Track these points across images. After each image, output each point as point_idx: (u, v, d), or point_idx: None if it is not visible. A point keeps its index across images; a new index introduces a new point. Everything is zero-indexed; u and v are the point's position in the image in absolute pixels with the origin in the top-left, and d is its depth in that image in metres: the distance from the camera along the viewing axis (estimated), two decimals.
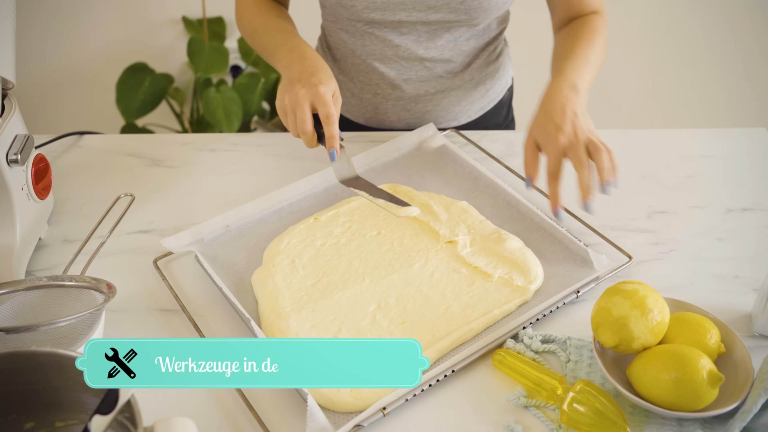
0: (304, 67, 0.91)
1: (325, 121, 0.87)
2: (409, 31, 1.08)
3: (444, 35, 1.09)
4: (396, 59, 1.11)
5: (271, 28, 1.03)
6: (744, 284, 0.88)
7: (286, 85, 0.91)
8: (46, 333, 0.71)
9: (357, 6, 1.03)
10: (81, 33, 2.10)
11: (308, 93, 0.88)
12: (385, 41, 1.09)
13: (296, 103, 0.88)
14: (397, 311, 0.83)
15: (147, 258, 0.92)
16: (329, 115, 0.87)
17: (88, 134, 1.14)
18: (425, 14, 1.05)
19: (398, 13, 1.04)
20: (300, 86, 0.89)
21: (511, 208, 0.98)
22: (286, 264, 0.89)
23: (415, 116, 1.18)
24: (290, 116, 0.89)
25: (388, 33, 1.08)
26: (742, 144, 1.12)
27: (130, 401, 0.56)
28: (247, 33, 1.08)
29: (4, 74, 0.84)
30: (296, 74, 0.91)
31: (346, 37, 1.13)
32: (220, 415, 0.74)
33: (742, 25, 2.11)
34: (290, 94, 0.89)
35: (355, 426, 0.71)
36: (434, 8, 1.04)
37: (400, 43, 1.09)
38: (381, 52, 1.11)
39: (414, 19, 1.05)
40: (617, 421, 0.70)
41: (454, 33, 1.10)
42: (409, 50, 1.10)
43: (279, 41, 1.00)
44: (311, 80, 0.89)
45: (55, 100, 2.22)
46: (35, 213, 0.92)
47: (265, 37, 1.03)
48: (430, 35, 1.09)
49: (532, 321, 0.82)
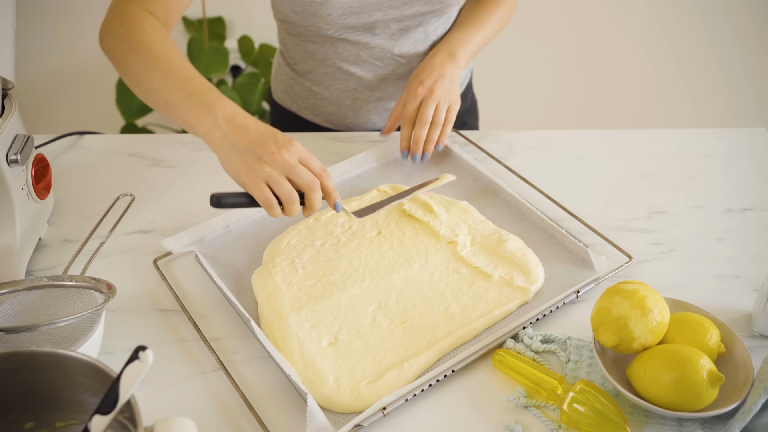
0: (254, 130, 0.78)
1: (323, 176, 0.80)
2: (382, 31, 1.08)
3: (416, 29, 1.10)
4: (371, 60, 1.11)
5: (173, 66, 0.82)
6: (744, 284, 0.88)
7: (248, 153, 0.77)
8: (46, 333, 0.71)
9: (333, 14, 1.02)
10: (81, 33, 2.10)
11: (291, 153, 0.77)
12: (359, 44, 1.09)
13: (284, 163, 0.77)
14: (397, 311, 0.83)
15: (147, 258, 0.92)
16: (322, 170, 0.80)
17: (88, 134, 1.14)
18: (400, 10, 1.05)
19: (374, 14, 1.04)
20: (274, 146, 0.77)
21: (511, 209, 0.98)
22: (286, 264, 0.89)
23: None
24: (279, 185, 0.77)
25: (361, 36, 1.08)
26: (742, 144, 1.12)
27: (130, 401, 0.56)
28: (138, 60, 0.84)
29: (4, 74, 0.84)
30: (253, 137, 0.77)
31: (315, 48, 1.11)
32: (220, 415, 0.74)
33: (742, 24, 2.11)
34: (267, 160, 0.77)
35: (355, 426, 0.71)
36: (408, 2, 1.04)
37: (375, 44, 1.09)
38: (356, 55, 1.11)
39: (389, 17, 1.06)
40: (617, 421, 0.70)
41: (425, 26, 1.11)
42: (384, 49, 1.10)
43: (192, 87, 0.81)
44: (279, 139, 0.77)
45: (55, 100, 2.22)
46: (35, 213, 0.92)
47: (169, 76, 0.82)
48: (402, 31, 1.09)
49: (532, 321, 0.82)
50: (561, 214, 0.97)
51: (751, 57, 2.17)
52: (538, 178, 1.04)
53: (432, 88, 1.01)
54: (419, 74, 1.04)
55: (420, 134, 1.01)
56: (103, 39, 0.90)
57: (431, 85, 1.02)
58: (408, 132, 1.03)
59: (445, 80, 1.02)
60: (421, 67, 1.06)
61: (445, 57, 1.05)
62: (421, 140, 1.01)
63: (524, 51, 2.16)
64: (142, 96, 0.86)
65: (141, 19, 0.87)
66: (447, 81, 1.03)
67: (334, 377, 0.76)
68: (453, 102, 1.03)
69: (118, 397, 0.54)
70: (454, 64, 1.05)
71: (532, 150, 1.11)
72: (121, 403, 0.55)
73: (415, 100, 1.02)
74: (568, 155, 1.10)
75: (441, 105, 1.01)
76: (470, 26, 1.09)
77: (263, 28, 2.05)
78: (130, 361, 0.54)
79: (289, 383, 0.77)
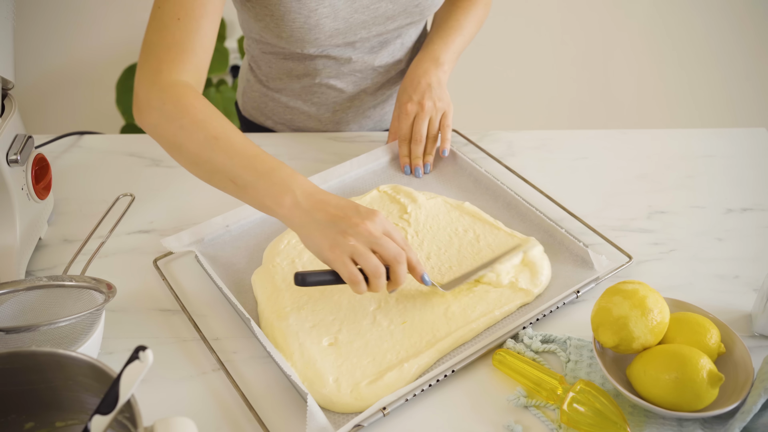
0: (334, 205, 0.75)
1: (398, 261, 0.75)
2: (362, 45, 1.08)
3: (395, 41, 1.11)
4: (352, 73, 1.12)
5: (235, 144, 0.78)
6: (744, 284, 0.88)
7: (332, 226, 0.74)
8: (46, 333, 0.71)
9: (321, 37, 1.01)
10: (81, 33, 2.11)
11: (377, 225, 0.74)
12: (341, 60, 1.09)
13: (371, 236, 0.74)
14: (397, 311, 0.83)
15: (147, 258, 0.92)
16: (399, 254, 0.75)
17: (88, 134, 1.14)
18: (384, 26, 1.05)
19: (359, 32, 1.04)
20: (358, 218, 0.74)
21: (511, 209, 0.98)
22: (286, 264, 0.89)
23: (374, 120, 1.20)
24: (366, 259, 0.73)
25: (342, 52, 1.08)
26: (742, 144, 1.12)
27: (130, 401, 0.56)
28: (198, 140, 0.79)
29: (4, 74, 0.84)
30: (334, 211, 0.75)
31: (293, 65, 1.10)
32: (220, 415, 0.74)
33: (742, 24, 2.11)
34: (352, 233, 0.73)
35: (355, 426, 0.71)
36: (392, 17, 1.04)
37: (357, 59, 1.09)
38: (337, 70, 1.11)
39: (372, 33, 1.05)
40: (617, 421, 0.70)
41: (403, 36, 1.12)
42: (365, 62, 1.11)
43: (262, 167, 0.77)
44: (361, 211, 0.75)
45: (55, 100, 2.22)
46: (35, 213, 0.92)
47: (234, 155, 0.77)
48: (382, 44, 1.10)
49: (532, 321, 0.82)
50: (561, 214, 0.97)
51: (751, 57, 2.17)
52: (538, 178, 1.04)
53: (421, 102, 1.03)
54: (407, 89, 1.05)
55: (417, 151, 1.04)
56: (145, 117, 0.82)
57: (420, 99, 1.03)
58: (406, 150, 1.05)
59: (432, 89, 1.03)
60: (407, 79, 1.06)
61: (429, 64, 1.05)
62: (419, 156, 1.04)
63: (524, 51, 2.16)
64: (203, 176, 0.81)
65: (185, 92, 0.81)
66: (435, 89, 1.03)
67: (334, 377, 0.76)
68: (446, 108, 1.04)
69: (118, 397, 0.54)
70: (440, 68, 1.05)
71: (532, 150, 1.11)
72: (121, 403, 0.55)
73: (407, 119, 1.04)
74: (568, 155, 1.10)
75: (434, 117, 1.03)
76: (449, 29, 1.09)
77: None
78: (130, 361, 0.54)
79: (289, 383, 0.77)
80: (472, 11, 1.12)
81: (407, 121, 1.04)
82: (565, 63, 2.22)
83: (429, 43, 1.09)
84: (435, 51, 1.07)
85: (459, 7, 1.12)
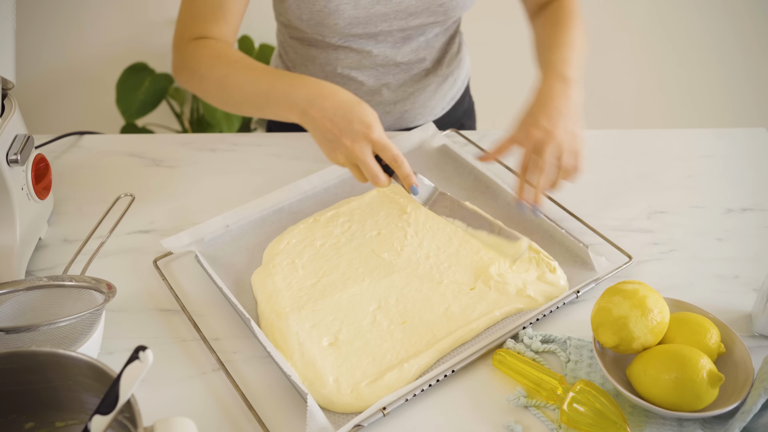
0: (331, 114, 0.83)
1: (395, 165, 0.83)
2: (385, 39, 1.08)
3: (418, 38, 1.10)
4: (373, 66, 1.11)
5: (245, 71, 0.89)
6: (744, 284, 0.88)
7: (328, 142, 0.83)
8: (46, 333, 0.71)
9: (340, 24, 1.02)
10: (81, 33, 2.10)
11: (363, 145, 0.82)
12: (362, 52, 1.09)
13: (356, 159, 0.82)
14: (397, 311, 0.83)
15: (147, 258, 0.92)
16: (396, 158, 0.82)
17: (88, 134, 1.14)
18: (405, 21, 1.05)
19: (379, 25, 1.04)
20: (348, 140, 0.82)
21: (512, 209, 0.98)
22: (286, 264, 0.89)
23: (394, 117, 1.19)
24: (353, 171, 0.84)
25: (364, 44, 1.08)
26: (742, 144, 1.12)
27: (130, 401, 0.56)
28: (211, 84, 0.91)
29: (4, 74, 0.84)
30: (330, 126, 0.82)
31: (316, 52, 1.11)
32: (220, 415, 0.74)
33: (742, 24, 2.11)
34: (344, 151, 0.83)
35: (355, 426, 0.71)
36: (414, 14, 1.04)
37: (378, 52, 1.09)
38: (358, 62, 1.10)
39: (393, 27, 1.05)
40: (617, 421, 0.70)
41: (427, 34, 1.10)
42: (387, 57, 1.10)
43: (268, 84, 0.87)
44: (354, 129, 0.82)
45: (55, 100, 2.22)
46: (35, 213, 0.92)
47: (244, 83, 0.88)
48: (405, 40, 1.09)
49: (532, 321, 0.82)
50: (561, 214, 0.97)
51: (751, 57, 2.17)
52: None
53: (550, 130, 0.86)
54: (532, 110, 0.90)
55: (542, 181, 0.87)
56: (178, 78, 0.95)
57: (548, 126, 0.87)
58: (522, 182, 0.89)
59: (564, 116, 0.88)
60: (534, 101, 0.91)
61: (555, 81, 0.91)
62: (543, 187, 0.88)
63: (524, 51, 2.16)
64: (233, 111, 0.93)
65: (197, 45, 0.93)
66: (567, 118, 0.88)
67: (334, 377, 0.76)
68: (577, 143, 0.88)
69: (118, 397, 0.54)
70: (569, 85, 0.91)
71: None
72: (121, 403, 0.55)
73: (528, 144, 0.88)
74: None
75: (564, 148, 0.87)
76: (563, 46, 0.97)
77: (263, 28, 2.05)
78: (130, 361, 0.54)
79: (289, 383, 0.77)
80: (575, 27, 1.01)
81: (528, 146, 0.88)
82: None
83: (549, 63, 0.95)
84: (556, 67, 0.93)
85: (562, 24, 1.01)
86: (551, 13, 1.04)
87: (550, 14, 1.04)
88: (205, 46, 0.93)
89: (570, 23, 1.01)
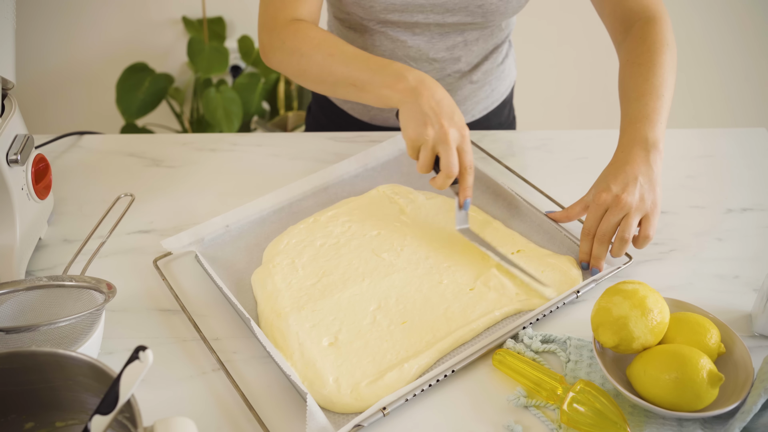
0: (440, 98, 0.86)
1: (468, 171, 0.87)
2: (422, 32, 1.07)
3: (456, 37, 1.09)
4: (406, 59, 1.11)
5: (348, 54, 0.92)
6: (744, 284, 0.88)
7: (425, 116, 0.85)
8: (46, 333, 0.71)
9: (376, 7, 1.02)
10: (81, 33, 2.11)
11: (455, 135, 0.85)
12: (397, 41, 1.09)
13: (444, 143, 0.85)
14: (397, 311, 0.83)
15: (147, 258, 0.92)
16: (471, 165, 0.87)
17: (88, 134, 1.14)
18: (442, 17, 1.04)
19: (415, 15, 1.04)
20: (447, 123, 0.85)
21: (512, 209, 0.98)
22: (286, 264, 0.89)
23: None
24: (429, 153, 0.86)
25: (401, 33, 1.08)
26: (742, 144, 1.12)
27: (130, 401, 0.56)
28: (312, 63, 0.93)
29: (4, 74, 0.84)
30: (435, 105, 0.85)
31: (354, 36, 1.12)
32: (220, 415, 0.74)
33: (742, 24, 2.11)
34: (436, 129, 0.85)
35: (355, 426, 0.71)
36: (452, 11, 1.03)
37: (412, 44, 1.09)
38: (392, 52, 1.10)
39: (430, 21, 1.05)
40: (617, 421, 0.70)
41: (465, 35, 1.09)
42: (420, 51, 1.10)
43: (379, 64, 0.90)
44: (455, 119, 0.86)
45: (55, 100, 2.22)
46: (35, 213, 0.92)
47: (351, 63, 0.91)
48: (442, 36, 1.09)
49: (532, 321, 0.82)
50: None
51: (751, 57, 2.17)
52: (538, 178, 1.04)
53: (620, 196, 0.84)
54: (608, 176, 0.87)
55: (599, 252, 0.87)
56: (270, 58, 0.98)
57: (619, 191, 0.85)
58: (588, 246, 0.88)
59: (639, 184, 0.85)
60: (611, 165, 0.88)
61: (637, 148, 0.87)
62: (600, 258, 0.87)
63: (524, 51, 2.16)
64: (329, 90, 0.95)
65: (300, 27, 0.95)
66: (641, 186, 0.85)
67: (334, 377, 0.76)
68: (649, 210, 0.85)
69: (118, 397, 0.54)
70: (652, 152, 0.87)
71: (532, 150, 1.11)
72: (121, 403, 0.55)
73: (596, 210, 0.86)
74: (568, 155, 1.10)
75: (630, 216, 0.85)
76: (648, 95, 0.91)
77: None
78: (130, 361, 0.54)
79: (289, 383, 0.77)
80: (663, 65, 0.93)
81: (596, 213, 0.86)
82: (565, 63, 2.22)
83: (632, 121, 0.90)
84: (639, 127, 0.88)
85: (647, 63, 0.93)
86: (637, 43, 0.96)
87: (636, 45, 0.96)
88: (304, 27, 0.95)
89: (658, 60, 0.93)
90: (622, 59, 0.98)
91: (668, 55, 0.94)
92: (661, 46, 0.95)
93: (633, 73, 0.94)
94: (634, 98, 0.91)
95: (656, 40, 0.95)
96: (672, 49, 0.95)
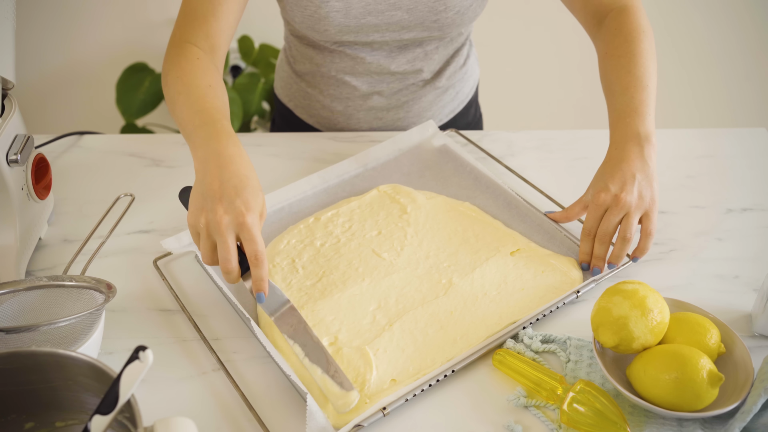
0: (226, 178, 0.74)
1: (254, 263, 0.74)
2: (380, 47, 1.07)
3: (415, 49, 1.09)
4: (367, 74, 1.11)
5: (196, 99, 0.83)
6: (744, 284, 0.88)
7: (202, 200, 0.74)
8: (46, 333, 0.71)
9: (330, 30, 1.02)
10: (81, 33, 2.10)
11: (232, 222, 0.73)
12: (356, 59, 1.09)
13: (217, 232, 0.73)
14: (396, 311, 0.83)
15: (147, 258, 0.92)
16: (257, 254, 0.73)
17: (88, 134, 1.14)
18: (398, 34, 1.04)
19: (371, 35, 1.03)
20: (222, 210, 0.73)
21: (512, 209, 0.98)
22: (286, 264, 0.89)
23: (387, 123, 1.19)
24: (205, 243, 0.75)
25: (359, 51, 1.07)
26: (742, 144, 1.12)
27: (130, 401, 0.56)
28: (170, 94, 0.87)
29: (4, 74, 0.84)
30: (216, 187, 0.74)
31: (313, 53, 1.11)
32: (220, 415, 0.74)
33: (742, 24, 2.11)
34: (209, 217, 0.73)
35: (355, 426, 0.71)
36: (407, 28, 1.03)
37: (372, 60, 1.09)
38: (352, 68, 1.10)
39: (387, 38, 1.05)
40: (617, 421, 0.70)
41: (424, 46, 1.10)
42: (381, 65, 1.10)
43: (199, 121, 0.80)
44: (235, 203, 0.73)
45: (55, 100, 2.22)
46: (35, 213, 0.92)
47: (185, 109, 0.83)
48: (401, 50, 1.09)
49: (532, 321, 0.82)
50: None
51: (751, 57, 2.17)
52: (538, 178, 1.04)
53: (619, 195, 0.84)
54: (604, 174, 0.86)
55: (600, 251, 0.86)
56: (162, 77, 0.92)
57: (618, 191, 0.84)
58: (588, 246, 0.88)
59: (637, 180, 0.84)
60: (606, 163, 0.87)
61: (631, 144, 0.85)
62: (601, 258, 0.87)
63: (524, 51, 2.16)
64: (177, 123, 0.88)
65: (180, 51, 0.89)
66: (639, 182, 0.84)
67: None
68: (648, 208, 0.85)
69: (118, 397, 0.54)
70: (645, 146, 0.85)
71: (532, 150, 1.11)
72: (121, 403, 0.55)
73: (596, 210, 0.86)
74: (568, 155, 1.10)
75: (630, 215, 0.84)
76: (633, 87, 0.89)
77: (263, 28, 2.05)
78: (130, 361, 0.54)
79: (289, 383, 0.77)
80: (642, 54, 0.91)
81: (596, 213, 0.86)
82: (566, 63, 2.22)
83: (616, 113, 0.89)
84: (629, 121, 0.87)
85: (628, 54, 0.91)
86: (614, 34, 0.94)
87: (612, 36, 0.94)
88: (184, 55, 0.88)
89: (637, 49, 0.91)
90: (600, 51, 0.96)
91: (646, 42, 0.92)
92: (638, 34, 0.92)
93: (614, 65, 0.92)
94: (619, 92, 0.90)
95: (632, 29, 0.93)
96: (649, 36, 0.93)
